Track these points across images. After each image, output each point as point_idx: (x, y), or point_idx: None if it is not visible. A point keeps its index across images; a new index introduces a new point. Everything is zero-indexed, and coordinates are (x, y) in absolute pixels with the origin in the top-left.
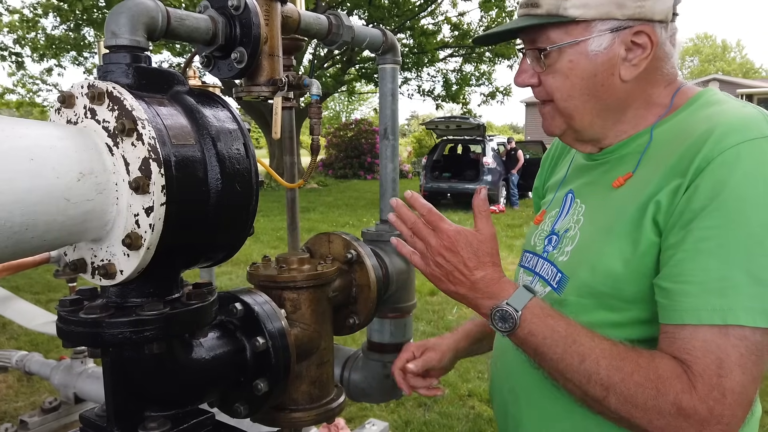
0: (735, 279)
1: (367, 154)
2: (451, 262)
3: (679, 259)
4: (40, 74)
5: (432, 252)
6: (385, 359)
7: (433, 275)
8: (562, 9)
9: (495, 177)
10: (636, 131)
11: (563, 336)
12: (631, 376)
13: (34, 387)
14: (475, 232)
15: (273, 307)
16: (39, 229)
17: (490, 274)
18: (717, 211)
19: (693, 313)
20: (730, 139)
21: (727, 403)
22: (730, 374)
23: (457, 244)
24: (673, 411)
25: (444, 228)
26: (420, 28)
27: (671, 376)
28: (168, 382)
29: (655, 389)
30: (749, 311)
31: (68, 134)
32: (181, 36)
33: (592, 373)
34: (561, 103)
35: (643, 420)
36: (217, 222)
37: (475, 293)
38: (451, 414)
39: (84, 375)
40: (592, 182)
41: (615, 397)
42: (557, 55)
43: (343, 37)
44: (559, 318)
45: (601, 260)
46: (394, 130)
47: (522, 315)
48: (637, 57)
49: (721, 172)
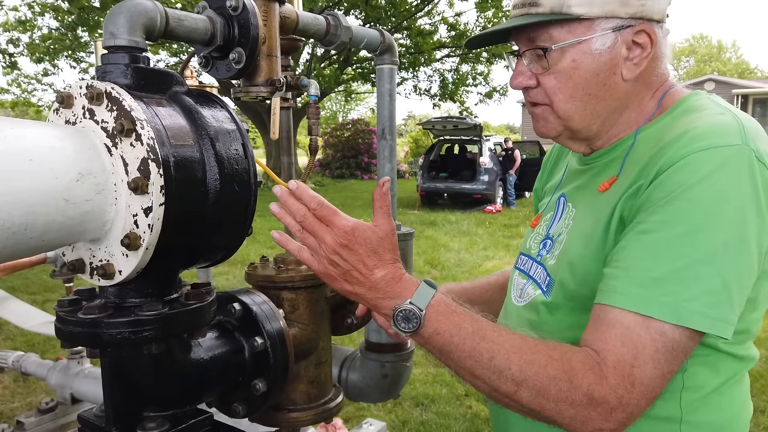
0: (657, 272)
1: (363, 154)
2: (349, 261)
3: (620, 246)
4: (35, 74)
5: (327, 249)
6: (383, 359)
7: (327, 274)
8: (566, 6)
9: (492, 177)
10: (626, 134)
11: (470, 333)
12: (544, 369)
13: (30, 388)
14: (374, 228)
15: (271, 307)
16: (38, 230)
17: (390, 273)
18: (664, 208)
19: (614, 295)
20: (696, 144)
21: (635, 392)
22: (643, 366)
23: (354, 241)
24: (585, 401)
25: (339, 224)
26: (417, 29)
27: (584, 367)
28: (166, 382)
29: (568, 381)
30: (662, 305)
31: (67, 134)
32: (180, 36)
33: (503, 369)
34: (561, 105)
35: (553, 411)
36: (215, 222)
37: (375, 293)
38: (449, 414)
39: (81, 375)
40: (582, 186)
41: (527, 390)
42: (559, 55)
43: (340, 38)
44: (464, 314)
45: (580, 264)
46: (392, 130)
47: (426, 313)
48: (637, 56)
49: (680, 174)
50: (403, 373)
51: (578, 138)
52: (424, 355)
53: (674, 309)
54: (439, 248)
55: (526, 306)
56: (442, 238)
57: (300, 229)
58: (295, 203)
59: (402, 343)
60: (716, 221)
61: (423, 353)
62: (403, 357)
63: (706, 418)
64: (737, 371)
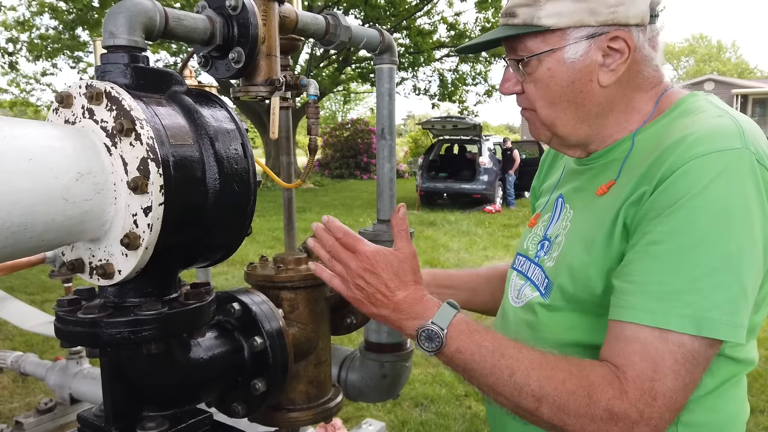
0: (673, 285)
1: (363, 154)
2: (372, 284)
3: (630, 259)
4: (34, 74)
5: (352, 275)
6: (382, 359)
7: (355, 299)
8: (537, 19)
9: (491, 177)
10: (621, 136)
11: (491, 351)
12: (563, 384)
13: (29, 388)
14: (395, 252)
15: (270, 307)
16: (37, 229)
17: (411, 294)
18: (671, 217)
19: (631, 311)
20: (697, 149)
21: (657, 406)
22: (664, 379)
23: (377, 265)
24: (605, 416)
25: (362, 249)
26: (416, 28)
27: (603, 382)
28: (166, 381)
29: (587, 396)
30: (681, 318)
31: (66, 134)
32: (179, 36)
33: (523, 385)
34: (543, 111)
35: (575, 426)
36: (215, 222)
37: (398, 314)
38: (448, 414)
39: (80, 376)
40: (579, 188)
41: (547, 406)
42: (537, 64)
43: (340, 38)
44: (484, 333)
45: (580, 268)
46: (392, 130)
47: (448, 333)
48: (615, 62)
49: (683, 180)
50: (403, 373)
51: (569, 144)
52: (423, 356)
53: (695, 320)
54: (438, 248)
55: (524, 307)
56: (442, 238)
57: (329, 258)
58: (325, 235)
59: (401, 342)
60: (727, 228)
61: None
62: (403, 357)
63: (703, 419)
64: (735, 373)
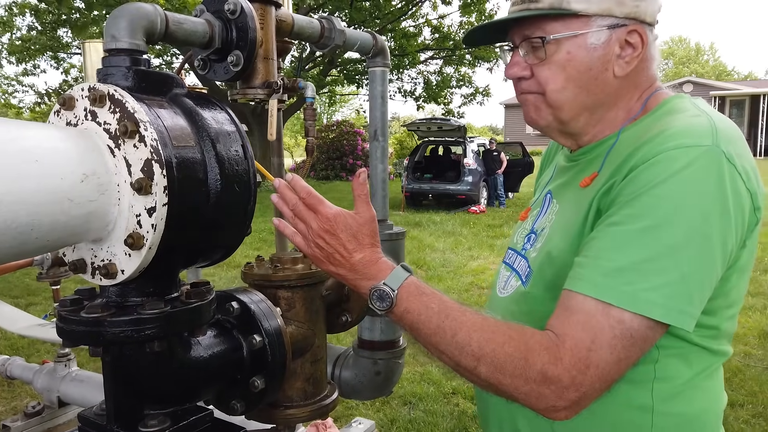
0: (620, 262)
1: (348, 156)
2: (331, 245)
3: (591, 237)
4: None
5: (312, 234)
6: (375, 356)
7: (314, 256)
8: (566, 2)
9: (475, 178)
10: (610, 132)
11: (436, 312)
12: (502, 347)
13: (15, 392)
14: (354, 215)
15: (269, 306)
16: (43, 230)
17: (368, 256)
18: (633, 202)
19: (579, 282)
20: (668, 143)
21: (589, 374)
22: (599, 350)
23: (336, 227)
24: (539, 378)
25: (323, 211)
26: (401, 31)
27: (540, 348)
28: (167, 379)
29: (523, 359)
30: (620, 293)
31: (71, 136)
32: (179, 39)
33: (464, 345)
34: (553, 94)
35: (509, 387)
36: (216, 222)
37: (354, 274)
38: (436, 411)
39: (68, 379)
40: (566, 183)
41: (485, 366)
42: (555, 47)
43: (335, 41)
44: (432, 295)
45: (558, 255)
46: (384, 131)
47: (398, 294)
48: (629, 55)
49: (650, 171)
50: (396, 370)
51: (566, 131)
52: (412, 354)
53: (632, 297)
54: (424, 248)
55: (509, 297)
56: (427, 238)
57: (292, 216)
58: (290, 193)
59: (394, 340)
60: (680, 217)
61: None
62: (396, 354)
63: (679, 409)
64: (710, 364)
